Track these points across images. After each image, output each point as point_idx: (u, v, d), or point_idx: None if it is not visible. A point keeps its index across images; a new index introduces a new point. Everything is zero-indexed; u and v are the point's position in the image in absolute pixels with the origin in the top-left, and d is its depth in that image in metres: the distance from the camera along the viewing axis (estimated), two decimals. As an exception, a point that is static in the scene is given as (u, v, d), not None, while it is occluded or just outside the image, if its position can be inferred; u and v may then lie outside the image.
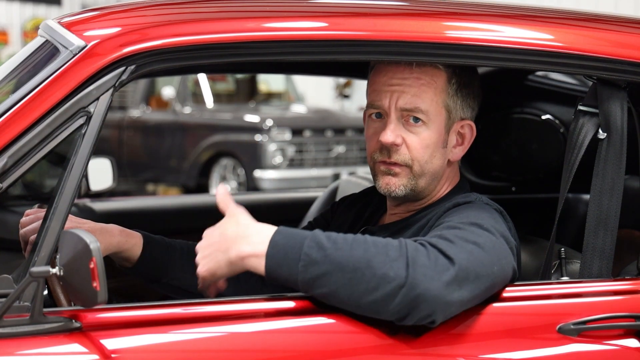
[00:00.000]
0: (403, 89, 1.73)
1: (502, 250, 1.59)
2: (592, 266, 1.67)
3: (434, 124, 1.74)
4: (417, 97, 1.72)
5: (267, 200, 3.62)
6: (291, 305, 1.53)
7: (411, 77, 1.73)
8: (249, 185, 8.69)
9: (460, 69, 1.77)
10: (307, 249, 1.48)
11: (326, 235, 1.50)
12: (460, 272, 1.48)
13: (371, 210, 1.95)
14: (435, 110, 1.74)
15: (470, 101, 1.80)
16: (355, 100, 13.04)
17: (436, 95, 1.74)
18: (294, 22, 1.63)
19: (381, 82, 1.76)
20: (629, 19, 1.88)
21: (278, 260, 1.49)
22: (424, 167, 1.75)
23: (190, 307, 1.50)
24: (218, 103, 9.92)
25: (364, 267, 1.46)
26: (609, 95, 1.70)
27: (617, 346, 1.61)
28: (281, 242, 1.50)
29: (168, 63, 1.54)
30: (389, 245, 1.49)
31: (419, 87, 1.73)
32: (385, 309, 1.46)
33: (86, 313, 1.44)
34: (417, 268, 1.45)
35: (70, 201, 1.45)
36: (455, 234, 1.55)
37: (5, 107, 1.49)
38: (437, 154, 1.76)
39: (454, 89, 1.76)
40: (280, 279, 1.50)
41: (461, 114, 1.79)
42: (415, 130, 1.73)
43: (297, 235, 1.51)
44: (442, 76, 1.74)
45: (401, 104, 1.73)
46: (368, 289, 1.45)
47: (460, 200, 1.74)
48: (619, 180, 1.68)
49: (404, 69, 1.73)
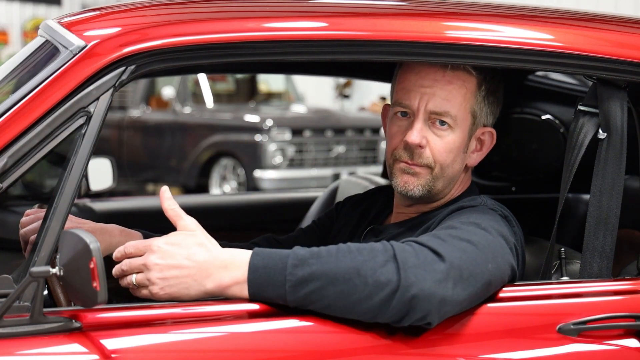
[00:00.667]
0: (434, 92, 1.72)
1: (499, 249, 1.58)
2: (592, 266, 1.67)
3: (459, 128, 1.74)
4: (447, 101, 1.72)
5: (267, 200, 3.62)
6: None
7: (443, 80, 1.73)
8: (249, 185, 8.69)
9: (490, 75, 1.77)
10: (291, 268, 1.46)
11: (308, 250, 1.48)
12: (453, 270, 1.47)
13: (376, 211, 1.95)
14: (463, 115, 1.74)
15: (494, 108, 1.81)
16: (355, 100, 13.05)
17: (465, 100, 1.74)
18: (294, 22, 1.63)
19: (411, 81, 1.75)
20: (629, 19, 1.88)
21: (261, 285, 1.47)
22: (444, 170, 1.75)
23: (190, 307, 1.50)
24: (218, 103, 9.92)
25: (354, 276, 1.45)
26: (609, 95, 1.70)
27: (617, 346, 1.61)
28: (261, 265, 1.48)
29: (168, 63, 1.54)
30: (375, 250, 1.48)
31: (450, 90, 1.73)
32: (381, 315, 1.46)
33: (86, 313, 1.44)
34: (408, 269, 1.45)
35: (70, 201, 1.45)
36: (449, 233, 1.56)
37: (5, 107, 1.49)
38: (458, 158, 1.76)
39: (482, 95, 1.76)
40: (267, 301, 1.49)
41: (485, 120, 1.80)
42: (440, 134, 1.73)
43: (276, 256, 1.48)
44: (473, 81, 1.75)
45: (431, 107, 1.72)
46: (362, 298, 1.45)
47: (465, 203, 1.74)
48: (619, 180, 1.68)
49: (437, 70, 1.73)
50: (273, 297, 1.48)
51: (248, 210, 3.04)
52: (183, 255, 1.49)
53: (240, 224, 2.96)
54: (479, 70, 1.75)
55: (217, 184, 9.06)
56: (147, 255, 1.49)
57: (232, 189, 8.91)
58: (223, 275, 1.48)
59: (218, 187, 9.05)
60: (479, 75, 1.75)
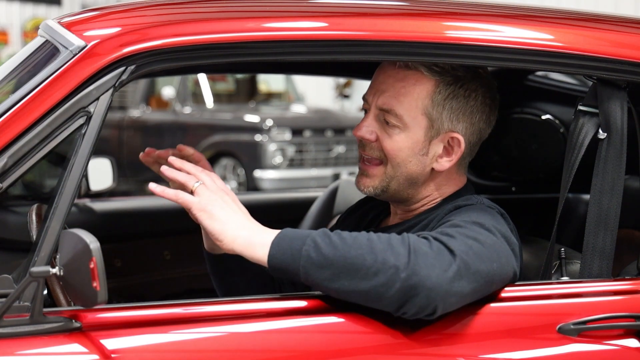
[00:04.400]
0: (385, 88, 1.73)
1: (503, 250, 1.59)
2: (592, 266, 1.67)
3: (409, 129, 1.72)
4: (395, 99, 1.72)
5: (267, 200, 3.62)
6: (291, 306, 1.53)
7: (396, 77, 1.73)
8: (249, 185, 8.69)
9: (453, 80, 1.73)
10: (313, 235, 1.51)
11: (329, 232, 1.53)
12: (461, 263, 1.49)
13: (375, 213, 1.95)
14: (412, 116, 1.72)
15: (461, 115, 1.74)
16: (355, 100, 13.05)
17: (417, 101, 1.72)
18: (294, 22, 1.63)
19: (375, 78, 1.78)
20: (629, 19, 1.88)
21: (282, 247, 1.51)
22: (396, 169, 1.75)
23: (190, 307, 1.50)
24: (218, 103, 9.92)
25: (367, 252, 1.48)
26: (609, 95, 1.69)
27: (617, 346, 1.61)
28: (288, 234, 1.53)
29: (168, 63, 1.54)
30: (392, 236, 1.52)
31: (400, 89, 1.72)
32: (385, 296, 1.47)
33: (86, 313, 1.44)
34: (419, 256, 1.47)
35: (70, 201, 1.45)
36: (457, 230, 1.57)
37: (5, 107, 1.49)
38: (412, 159, 1.74)
39: (439, 98, 1.72)
40: (282, 266, 1.51)
41: (449, 125, 1.74)
42: (389, 132, 1.73)
43: (302, 233, 1.54)
44: (427, 83, 1.72)
45: (379, 103, 1.74)
46: (369, 274, 1.46)
47: (461, 202, 1.74)
48: (619, 180, 1.68)
49: (393, 67, 1.74)
50: (289, 260, 1.51)
51: (248, 210, 3.04)
52: (232, 207, 1.57)
53: (240, 224, 2.95)
54: (438, 73, 1.72)
55: (217, 184, 9.05)
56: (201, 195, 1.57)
57: (232, 189, 8.89)
58: (254, 236, 1.54)
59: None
60: (436, 77, 1.72)
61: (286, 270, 1.51)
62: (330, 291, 1.51)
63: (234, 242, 1.53)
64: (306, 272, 1.49)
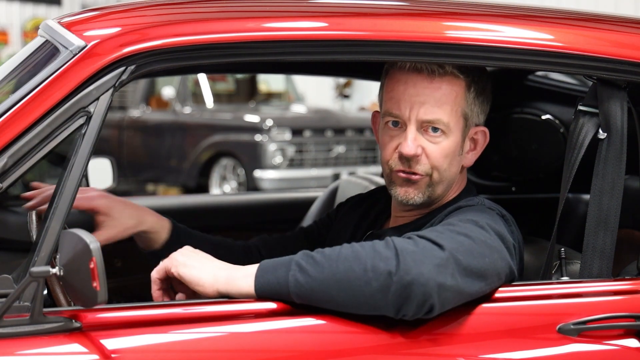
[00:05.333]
0: (424, 100, 1.71)
1: (495, 246, 1.59)
2: (592, 266, 1.67)
3: (452, 133, 1.73)
4: (438, 108, 1.71)
5: (267, 200, 3.62)
6: (290, 306, 1.52)
7: (431, 87, 1.71)
8: (249, 185, 8.69)
9: (478, 75, 1.76)
10: (295, 259, 1.51)
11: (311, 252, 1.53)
12: (451, 257, 1.49)
13: (376, 213, 1.95)
14: (455, 120, 1.74)
15: (485, 107, 1.80)
16: (355, 100, 13.05)
17: (456, 104, 1.73)
18: (294, 22, 1.63)
19: (400, 91, 1.73)
20: (629, 19, 1.88)
21: (267, 277, 1.51)
22: (442, 175, 1.75)
23: (190, 307, 1.50)
24: (218, 103, 9.92)
25: (354, 263, 1.48)
26: (609, 95, 1.69)
27: (617, 346, 1.61)
28: (269, 264, 1.53)
29: (168, 63, 1.54)
30: (375, 242, 1.52)
31: (440, 97, 1.71)
32: (383, 302, 1.47)
33: (86, 313, 1.44)
34: (407, 255, 1.47)
35: (70, 201, 1.45)
36: (447, 228, 1.58)
37: (5, 107, 1.49)
38: (454, 161, 1.76)
39: (472, 96, 1.76)
40: (271, 291, 1.51)
41: (476, 120, 1.79)
42: (435, 140, 1.72)
43: (283, 260, 1.53)
44: (461, 84, 1.73)
45: (422, 116, 1.71)
46: (361, 284, 1.46)
47: (463, 203, 1.74)
48: (619, 180, 1.68)
49: (424, 78, 1.71)
50: (275, 285, 1.51)
51: (248, 210, 3.04)
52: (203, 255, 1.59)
53: (240, 224, 2.96)
54: (466, 72, 1.74)
55: (217, 184, 9.07)
56: (170, 256, 1.60)
57: (232, 189, 8.91)
58: (235, 271, 1.54)
59: (218, 187, 9.05)
60: (467, 78, 1.74)
61: (277, 299, 1.52)
62: (328, 308, 1.51)
63: (215, 283, 1.53)
64: (298, 296, 1.50)
